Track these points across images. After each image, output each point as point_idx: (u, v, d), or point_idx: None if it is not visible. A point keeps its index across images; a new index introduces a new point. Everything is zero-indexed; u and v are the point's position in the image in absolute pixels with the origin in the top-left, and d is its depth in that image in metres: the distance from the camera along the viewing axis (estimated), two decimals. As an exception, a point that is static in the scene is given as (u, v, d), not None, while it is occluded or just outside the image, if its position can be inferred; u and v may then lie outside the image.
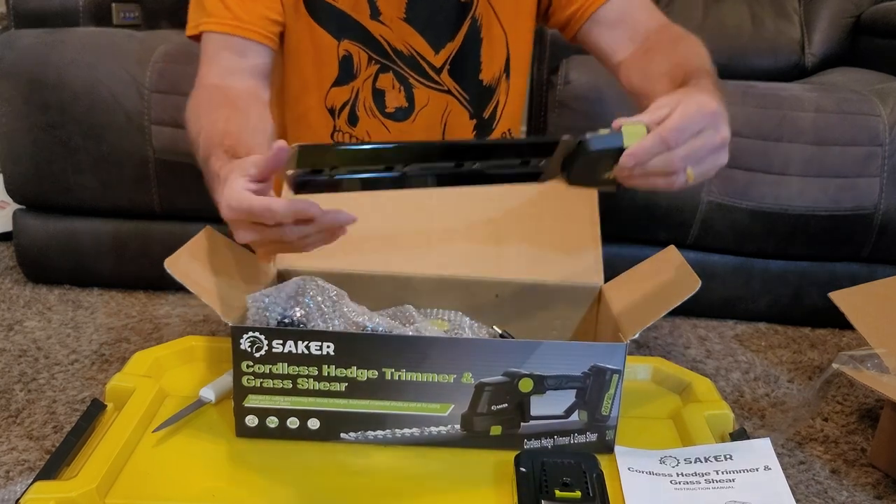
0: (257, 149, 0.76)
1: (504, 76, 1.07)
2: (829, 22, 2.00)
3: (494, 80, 1.06)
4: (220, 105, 0.86)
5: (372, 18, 0.99)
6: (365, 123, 1.04)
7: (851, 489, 1.12)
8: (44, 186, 1.55)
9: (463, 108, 1.06)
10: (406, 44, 1.01)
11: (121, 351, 1.40)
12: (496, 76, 1.06)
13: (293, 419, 0.71)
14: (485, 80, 1.06)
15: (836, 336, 1.61)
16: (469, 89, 1.06)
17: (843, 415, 1.32)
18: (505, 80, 1.07)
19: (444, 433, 0.71)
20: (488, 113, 1.08)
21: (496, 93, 1.07)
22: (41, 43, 1.51)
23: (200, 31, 0.93)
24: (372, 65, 1.01)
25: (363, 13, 0.98)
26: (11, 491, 1.02)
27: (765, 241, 1.55)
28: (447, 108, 1.06)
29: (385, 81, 1.02)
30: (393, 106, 1.04)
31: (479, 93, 1.06)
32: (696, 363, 1.47)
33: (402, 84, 1.03)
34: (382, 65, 1.01)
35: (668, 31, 0.95)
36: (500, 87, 1.07)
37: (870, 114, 1.50)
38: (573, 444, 0.72)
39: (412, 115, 1.04)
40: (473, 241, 0.87)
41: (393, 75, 1.02)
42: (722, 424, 0.77)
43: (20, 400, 1.24)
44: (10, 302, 1.58)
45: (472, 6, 1.00)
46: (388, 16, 0.99)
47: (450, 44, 1.02)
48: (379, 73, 1.02)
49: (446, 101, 1.05)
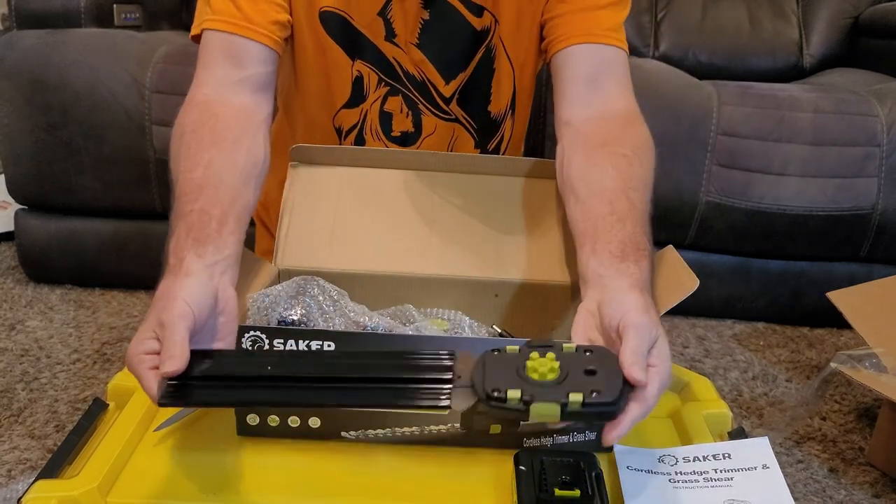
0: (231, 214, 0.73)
1: (510, 112, 1.04)
2: (828, 23, 2.01)
3: (501, 115, 1.03)
4: (203, 144, 0.79)
5: (386, 40, 0.96)
6: (371, 146, 1.01)
7: (849, 488, 1.13)
8: (45, 187, 1.56)
9: (469, 136, 1.03)
10: (418, 69, 0.98)
11: (122, 350, 1.40)
12: (503, 110, 1.03)
13: (294, 418, 0.71)
14: (493, 112, 1.03)
15: (834, 335, 1.61)
16: (477, 119, 1.03)
17: (841, 414, 1.32)
18: (510, 117, 1.04)
19: (444, 432, 0.72)
20: (493, 146, 1.05)
21: (502, 127, 1.04)
22: (43, 44, 1.51)
23: (203, 28, 0.88)
24: (382, 86, 0.98)
25: (378, 34, 0.95)
26: (13, 490, 1.03)
27: (763, 240, 1.56)
28: (454, 136, 1.03)
29: (393, 104, 0.99)
30: (399, 130, 1.01)
31: (486, 124, 1.03)
32: (694, 362, 1.48)
33: (410, 109, 1.00)
34: (392, 87, 0.98)
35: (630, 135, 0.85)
36: (505, 123, 1.04)
37: (868, 114, 1.50)
38: (572, 442, 0.72)
39: (417, 141, 1.02)
40: (473, 241, 0.87)
41: (402, 99, 0.99)
42: (720, 423, 0.77)
43: (22, 399, 1.24)
44: (11, 302, 1.58)
45: (488, 36, 0.97)
46: (403, 39, 0.96)
47: (461, 74, 0.99)
48: (388, 96, 0.99)
49: (453, 128, 1.02)
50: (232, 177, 0.76)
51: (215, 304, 0.66)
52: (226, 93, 0.84)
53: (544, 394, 0.54)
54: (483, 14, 0.96)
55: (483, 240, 0.87)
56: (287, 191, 0.86)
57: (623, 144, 0.82)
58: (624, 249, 0.70)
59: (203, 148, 0.77)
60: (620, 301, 0.64)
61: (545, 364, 0.56)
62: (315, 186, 0.87)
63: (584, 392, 0.54)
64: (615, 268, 0.69)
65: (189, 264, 0.66)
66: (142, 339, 0.62)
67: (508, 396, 0.54)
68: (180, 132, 0.81)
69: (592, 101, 0.88)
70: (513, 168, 0.90)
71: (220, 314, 0.66)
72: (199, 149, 0.77)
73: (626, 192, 0.76)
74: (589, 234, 0.74)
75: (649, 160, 0.83)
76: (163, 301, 0.63)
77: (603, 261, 0.70)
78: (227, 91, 0.84)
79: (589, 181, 0.79)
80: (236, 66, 0.85)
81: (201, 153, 0.77)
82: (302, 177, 0.87)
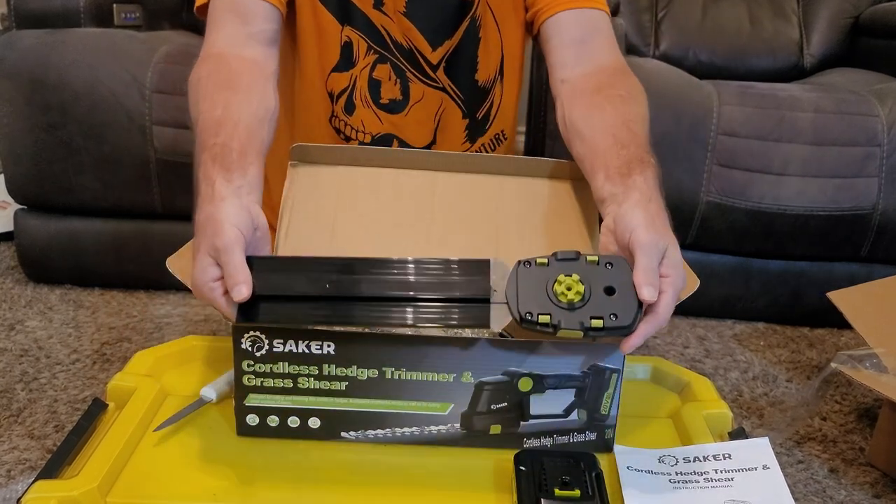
0: (250, 147, 0.76)
1: (499, 78, 1.07)
2: (828, 22, 2.01)
3: (489, 82, 1.07)
4: (220, 87, 0.84)
5: (374, 8, 0.99)
6: (360, 113, 1.04)
7: (850, 488, 1.13)
8: (45, 187, 1.56)
9: (457, 107, 1.06)
10: (406, 37, 1.01)
11: (122, 350, 1.40)
12: (491, 77, 1.06)
13: (294, 418, 0.71)
14: (480, 80, 1.06)
15: (835, 335, 1.61)
16: (464, 89, 1.06)
17: (842, 414, 1.32)
18: (499, 83, 1.08)
19: (443, 432, 0.72)
20: (482, 114, 1.08)
21: (490, 94, 1.07)
22: (42, 44, 1.51)
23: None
24: (370, 54, 1.02)
25: (366, 2, 0.99)
26: (13, 490, 1.03)
27: (763, 240, 1.56)
28: (441, 106, 1.06)
29: (382, 72, 1.03)
30: (387, 97, 1.04)
31: (474, 93, 1.06)
32: (694, 363, 1.48)
33: (398, 76, 1.03)
34: (380, 55, 1.02)
35: (623, 81, 0.92)
36: (494, 89, 1.08)
37: (868, 114, 1.50)
38: (572, 443, 0.72)
39: (405, 108, 1.05)
40: (473, 241, 0.87)
41: (390, 66, 1.03)
42: (721, 424, 0.77)
43: (21, 399, 1.24)
44: (11, 302, 1.58)
45: (473, 6, 1.01)
46: (390, 7, 0.99)
47: (447, 41, 1.02)
48: (377, 63, 1.02)
49: (441, 98, 1.05)
50: (248, 116, 0.80)
51: (251, 221, 0.70)
52: (236, 47, 0.89)
53: (570, 319, 0.63)
54: None
55: (483, 239, 0.87)
56: (287, 190, 0.86)
57: (617, 88, 0.90)
58: (629, 165, 0.76)
59: (220, 90, 0.82)
60: (629, 219, 0.70)
61: (571, 286, 0.65)
62: (315, 186, 0.87)
63: (604, 316, 0.63)
64: (623, 185, 0.74)
65: (220, 189, 0.70)
66: (203, 267, 0.66)
67: (539, 321, 0.64)
68: (196, 79, 0.85)
69: (583, 59, 0.95)
70: (513, 167, 0.90)
71: (256, 229, 0.70)
72: (216, 90, 0.82)
73: (626, 123, 0.83)
74: (599, 161, 0.80)
75: (644, 100, 0.90)
76: (211, 227, 0.67)
77: (612, 180, 0.76)
78: (237, 45, 0.89)
79: (591, 122, 0.86)
80: (244, 23, 0.90)
81: (219, 94, 0.82)
82: (302, 176, 0.87)
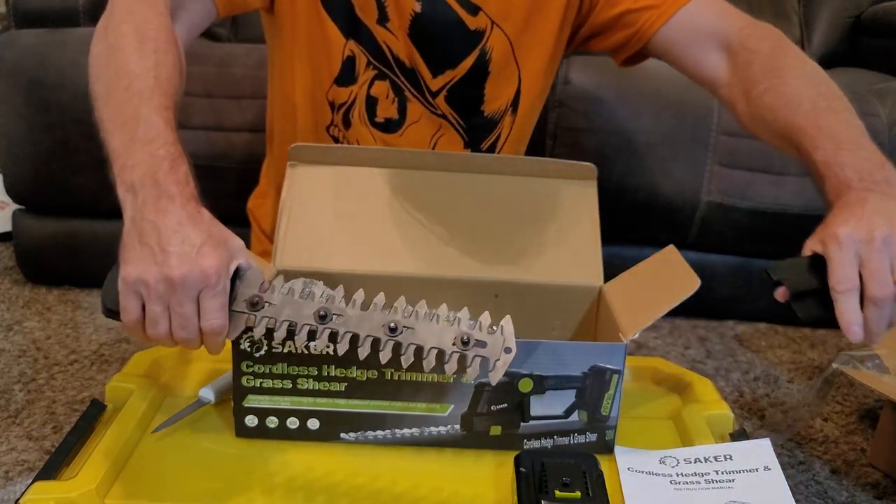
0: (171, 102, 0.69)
1: (510, 111, 1.02)
2: (829, 22, 2.00)
3: (498, 114, 1.01)
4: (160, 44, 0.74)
5: (378, 23, 0.95)
6: (356, 130, 1.01)
7: (851, 489, 1.12)
8: (43, 187, 1.55)
9: (457, 136, 1.02)
10: (409, 57, 0.97)
11: (120, 351, 1.40)
12: (501, 110, 1.01)
13: (293, 419, 0.71)
14: (487, 112, 1.01)
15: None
16: (467, 119, 1.01)
17: (843, 415, 1.32)
18: (510, 115, 1.02)
19: (443, 433, 0.71)
20: (486, 146, 1.03)
21: (498, 126, 1.02)
22: (41, 43, 1.51)
23: None
24: (370, 69, 0.98)
25: (371, 16, 0.95)
26: (11, 491, 1.02)
27: (764, 240, 1.55)
28: (439, 131, 1.01)
29: (380, 89, 0.99)
30: (383, 116, 1.00)
31: (479, 124, 1.02)
32: (695, 363, 1.48)
33: (396, 95, 0.99)
34: (380, 71, 0.98)
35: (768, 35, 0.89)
36: (503, 122, 1.02)
37: (869, 114, 1.50)
38: (573, 444, 0.72)
39: (401, 128, 1.01)
40: (473, 241, 0.86)
41: (389, 84, 0.99)
42: (722, 425, 0.77)
43: (19, 400, 1.24)
44: (9, 302, 1.58)
45: (484, 37, 0.96)
46: (395, 24, 0.95)
47: (449, 71, 0.98)
48: (375, 80, 0.98)
49: (439, 123, 1.01)
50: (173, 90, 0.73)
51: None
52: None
53: None
54: (478, 14, 0.95)
55: (483, 240, 0.87)
56: (286, 191, 0.86)
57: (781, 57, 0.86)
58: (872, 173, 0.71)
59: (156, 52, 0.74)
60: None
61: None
62: (314, 186, 0.87)
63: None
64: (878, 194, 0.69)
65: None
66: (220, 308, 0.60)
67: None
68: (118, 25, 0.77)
69: (720, 46, 0.91)
70: (514, 167, 0.90)
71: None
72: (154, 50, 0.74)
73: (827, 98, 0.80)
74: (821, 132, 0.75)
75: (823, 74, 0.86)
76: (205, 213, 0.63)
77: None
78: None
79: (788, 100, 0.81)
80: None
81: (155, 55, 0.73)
82: (301, 177, 0.87)
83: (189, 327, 0.59)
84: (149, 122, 0.65)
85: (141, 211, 0.61)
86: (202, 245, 0.58)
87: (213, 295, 0.58)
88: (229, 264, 0.60)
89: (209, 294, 0.58)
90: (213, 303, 0.58)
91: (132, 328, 0.60)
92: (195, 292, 0.58)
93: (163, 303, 0.58)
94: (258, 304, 0.61)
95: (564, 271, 0.85)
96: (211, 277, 0.58)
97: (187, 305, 0.58)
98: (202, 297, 0.58)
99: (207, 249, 0.58)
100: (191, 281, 0.57)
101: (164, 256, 0.58)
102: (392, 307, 0.63)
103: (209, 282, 0.58)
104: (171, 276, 0.57)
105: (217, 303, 0.59)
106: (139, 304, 0.59)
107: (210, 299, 0.58)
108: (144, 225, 0.60)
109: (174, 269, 0.57)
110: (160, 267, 0.57)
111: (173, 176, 0.62)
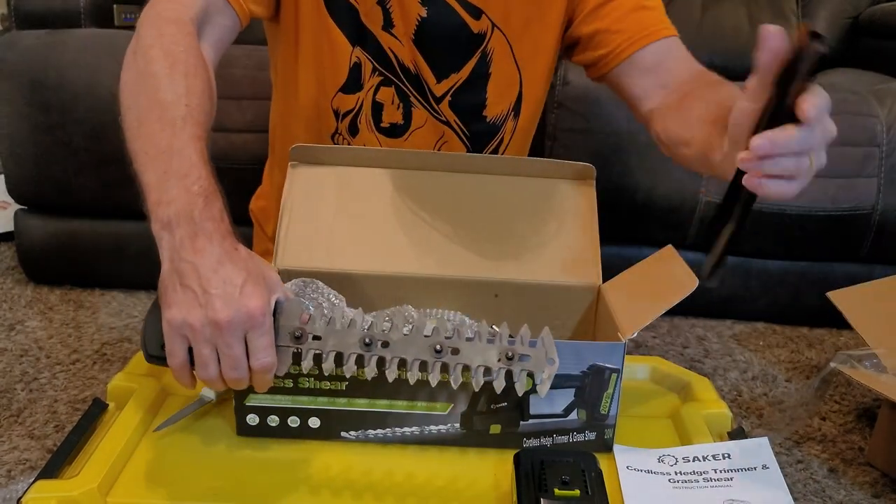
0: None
1: (511, 115, 1.03)
2: (828, 23, 2.01)
3: (500, 118, 1.02)
4: (190, 67, 0.73)
5: (384, 29, 0.95)
6: (363, 136, 1.01)
7: (849, 488, 1.13)
8: (45, 187, 1.56)
9: (460, 143, 1.02)
10: (414, 62, 0.98)
11: (122, 351, 1.40)
12: (503, 114, 1.02)
13: (294, 418, 0.71)
14: (489, 116, 1.01)
15: (834, 336, 1.61)
16: (470, 124, 1.02)
17: (841, 414, 1.32)
18: (512, 119, 1.03)
19: (444, 432, 0.72)
20: (489, 151, 1.04)
21: (501, 130, 1.03)
22: (42, 44, 1.51)
23: None
24: (375, 76, 0.98)
25: (376, 22, 0.95)
26: (13, 490, 1.03)
27: (763, 240, 1.56)
28: (443, 138, 1.02)
29: (385, 95, 0.99)
30: (388, 121, 1.00)
31: (482, 129, 1.02)
32: (694, 362, 1.48)
33: (401, 101, 1.00)
34: (385, 77, 0.98)
35: (706, 76, 0.90)
36: (505, 125, 1.03)
37: (868, 114, 1.50)
38: (572, 442, 0.72)
39: (406, 133, 1.01)
40: (473, 241, 0.87)
41: (394, 90, 0.99)
42: (720, 423, 0.78)
43: (22, 399, 1.24)
44: (11, 302, 1.58)
45: (484, 39, 0.97)
46: (400, 30, 0.95)
47: (454, 75, 0.98)
48: (381, 86, 0.99)
49: (443, 130, 1.02)
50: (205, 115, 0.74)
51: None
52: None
53: None
54: (481, 17, 0.96)
55: (483, 240, 0.87)
56: (287, 191, 0.86)
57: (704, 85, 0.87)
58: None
59: (191, 75, 0.75)
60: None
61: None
62: (315, 186, 0.87)
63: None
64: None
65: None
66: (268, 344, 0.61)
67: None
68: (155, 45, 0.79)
69: (665, 85, 0.92)
70: (513, 168, 0.90)
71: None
72: (189, 73, 0.75)
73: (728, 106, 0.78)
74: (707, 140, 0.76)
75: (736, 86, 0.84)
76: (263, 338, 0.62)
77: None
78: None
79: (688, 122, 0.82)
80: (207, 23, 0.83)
81: (192, 78, 0.75)
82: (301, 177, 0.87)
83: (240, 368, 0.59)
84: (182, 155, 0.65)
85: (179, 251, 0.60)
86: (244, 284, 0.59)
87: (261, 334, 0.59)
88: (270, 300, 0.60)
89: (257, 334, 0.59)
90: (262, 342, 0.59)
91: (179, 371, 0.61)
92: (242, 333, 0.59)
93: (210, 345, 0.59)
94: (302, 336, 0.62)
95: (564, 271, 0.86)
96: (257, 318, 0.58)
97: (236, 347, 0.59)
98: (249, 337, 0.59)
99: (249, 288, 0.59)
100: (237, 322, 0.58)
101: (208, 298, 0.58)
102: (433, 329, 0.63)
103: (255, 322, 0.58)
104: (217, 320, 0.57)
105: (265, 341, 0.59)
106: (185, 348, 0.59)
107: (258, 339, 0.59)
108: (184, 266, 0.59)
109: (219, 313, 0.57)
110: (205, 310, 0.58)
111: (208, 212, 0.62)
